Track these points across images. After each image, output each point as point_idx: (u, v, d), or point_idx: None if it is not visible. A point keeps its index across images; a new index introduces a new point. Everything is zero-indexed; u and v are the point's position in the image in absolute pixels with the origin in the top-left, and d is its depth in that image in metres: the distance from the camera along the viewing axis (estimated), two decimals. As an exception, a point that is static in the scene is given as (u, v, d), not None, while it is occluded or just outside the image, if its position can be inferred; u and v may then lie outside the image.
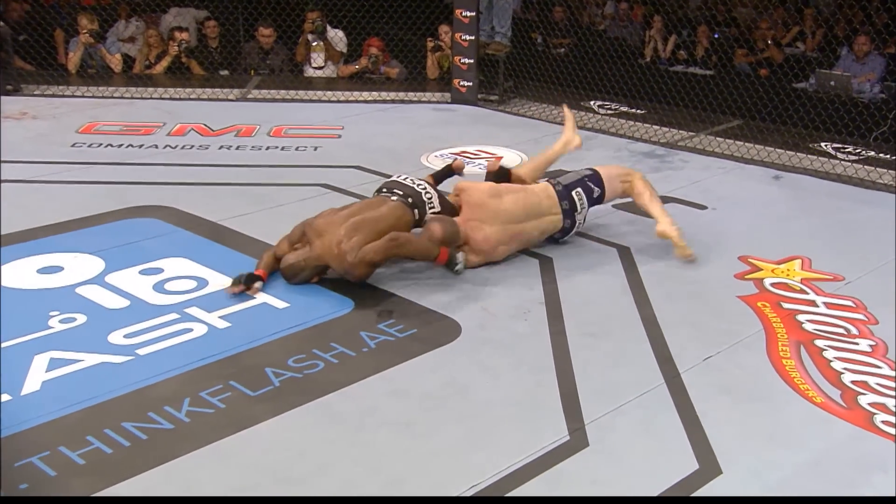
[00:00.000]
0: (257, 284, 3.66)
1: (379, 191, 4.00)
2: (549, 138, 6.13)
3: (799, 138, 5.99)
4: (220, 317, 3.45)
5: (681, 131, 6.25)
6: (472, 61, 6.89)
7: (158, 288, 3.68)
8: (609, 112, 6.79)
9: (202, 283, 3.73)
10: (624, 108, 6.88)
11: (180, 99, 6.98)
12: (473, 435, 2.77)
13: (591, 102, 6.99)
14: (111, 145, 5.72)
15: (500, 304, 3.62)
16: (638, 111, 6.79)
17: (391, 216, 3.77)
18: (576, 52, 7.87)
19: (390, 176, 5.06)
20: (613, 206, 4.77)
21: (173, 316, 3.45)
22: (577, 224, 4.12)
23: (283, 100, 7.06)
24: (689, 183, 5.21)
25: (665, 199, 4.88)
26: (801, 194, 5.07)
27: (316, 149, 5.75)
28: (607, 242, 4.28)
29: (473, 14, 6.78)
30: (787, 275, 3.93)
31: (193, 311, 3.49)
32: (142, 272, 3.82)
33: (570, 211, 4.06)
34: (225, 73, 7.75)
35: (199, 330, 3.35)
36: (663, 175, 5.38)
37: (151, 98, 6.96)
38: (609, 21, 8.94)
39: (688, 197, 4.94)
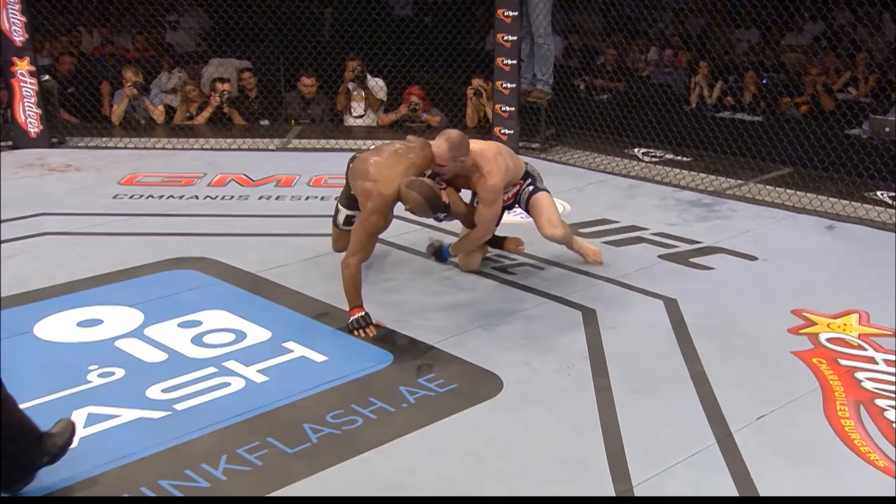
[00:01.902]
0: (375, 321, 3.83)
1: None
2: (592, 187, 6.14)
3: (853, 187, 5.91)
4: (258, 370, 3.48)
5: (729, 179, 6.21)
6: (513, 109, 6.96)
7: (197, 341, 3.73)
8: (654, 160, 6.78)
9: (240, 335, 3.77)
10: (669, 156, 6.86)
11: (221, 149, 7.13)
12: (516, 495, 2.73)
13: (636, 150, 6.99)
14: (152, 196, 5.86)
15: (543, 358, 3.60)
16: (684, 158, 6.77)
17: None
18: (619, 99, 7.90)
19: (429, 227, 5.06)
20: (659, 255, 4.75)
21: (211, 370, 3.48)
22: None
23: (324, 149, 7.18)
24: (739, 233, 5.16)
25: (713, 250, 4.85)
26: (856, 245, 4.98)
27: (355, 199, 5.82)
28: (653, 294, 4.24)
29: (515, 62, 6.87)
30: (844, 330, 3.85)
31: (231, 364, 3.52)
32: (180, 325, 3.87)
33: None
34: (265, 122, 7.92)
35: (237, 384, 3.38)
36: (711, 224, 5.33)
37: (193, 149, 7.12)
38: (653, 67, 8.98)
39: (737, 248, 4.89)
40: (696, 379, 3.43)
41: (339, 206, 4.32)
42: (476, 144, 4.15)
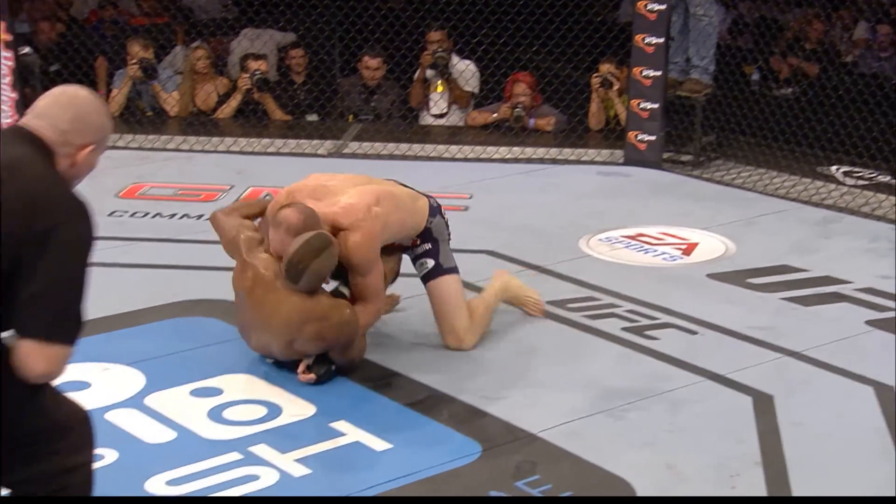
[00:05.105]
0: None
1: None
2: (768, 219, 6.09)
3: None
4: (296, 460, 3.53)
5: (983, 214, 6.07)
6: (656, 106, 6.96)
7: (215, 416, 3.80)
8: (860, 183, 6.70)
9: (274, 411, 3.84)
10: (884, 178, 6.76)
11: (254, 153, 7.30)
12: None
13: (833, 168, 6.91)
14: (160, 215, 6.03)
15: (693, 462, 3.56)
16: (906, 182, 6.67)
17: None
18: (810, 95, 7.81)
19: (529, 266, 5.07)
20: (867, 321, 4.65)
21: (234, 456, 3.54)
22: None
23: (392, 156, 7.29)
24: None
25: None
26: None
27: (434, 226, 5.89)
28: (858, 377, 4.16)
29: (661, 41, 6.86)
30: None
31: (261, 450, 3.58)
32: (193, 393, 3.96)
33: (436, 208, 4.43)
34: (313, 118, 8.08)
35: (269, 477, 3.43)
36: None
37: (216, 151, 7.30)
38: (861, 50, 8.86)
39: None
40: (920, 502, 3.35)
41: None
42: (344, 193, 4.17)
